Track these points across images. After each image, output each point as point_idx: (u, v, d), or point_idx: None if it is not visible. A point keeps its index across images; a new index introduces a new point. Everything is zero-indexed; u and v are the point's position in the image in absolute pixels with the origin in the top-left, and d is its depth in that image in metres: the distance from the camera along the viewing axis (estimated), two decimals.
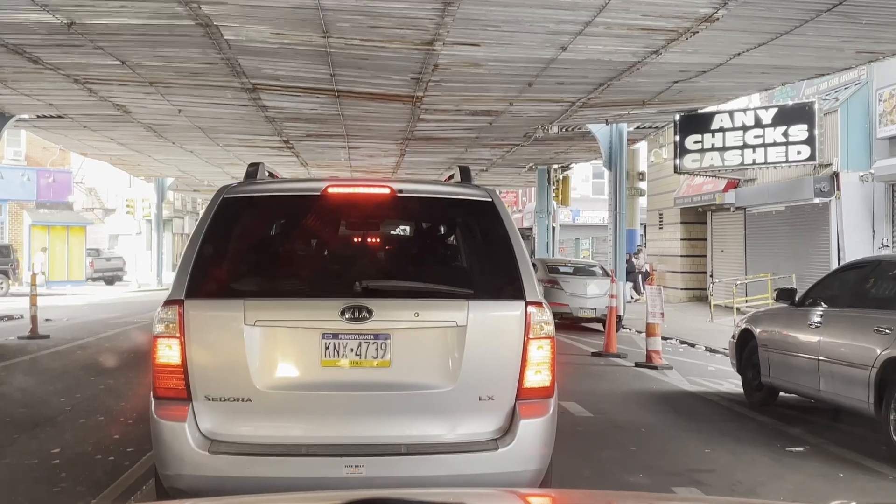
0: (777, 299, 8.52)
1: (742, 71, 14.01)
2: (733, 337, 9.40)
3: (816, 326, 7.58)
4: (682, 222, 27.00)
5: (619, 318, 17.26)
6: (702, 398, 9.54)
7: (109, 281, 39.49)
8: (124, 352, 12.95)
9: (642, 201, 29.55)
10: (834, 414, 8.05)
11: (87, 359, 12.22)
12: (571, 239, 45.73)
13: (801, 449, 6.88)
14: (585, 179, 46.80)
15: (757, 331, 8.76)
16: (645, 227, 31.68)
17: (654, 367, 11.64)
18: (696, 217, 26.67)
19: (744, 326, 9.14)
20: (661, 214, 28.86)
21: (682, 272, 26.89)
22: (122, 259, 41.72)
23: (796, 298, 8.30)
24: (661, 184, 28.58)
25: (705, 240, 26.78)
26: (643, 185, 28.63)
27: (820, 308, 7.80)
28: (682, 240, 27.04)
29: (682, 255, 27.06)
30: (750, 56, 12.86)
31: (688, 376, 11.09)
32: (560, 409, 8.44)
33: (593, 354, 13.32)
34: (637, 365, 11.97)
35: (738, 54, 12.78)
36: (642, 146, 27.23)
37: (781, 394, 8.75)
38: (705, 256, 26.78)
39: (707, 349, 14.78)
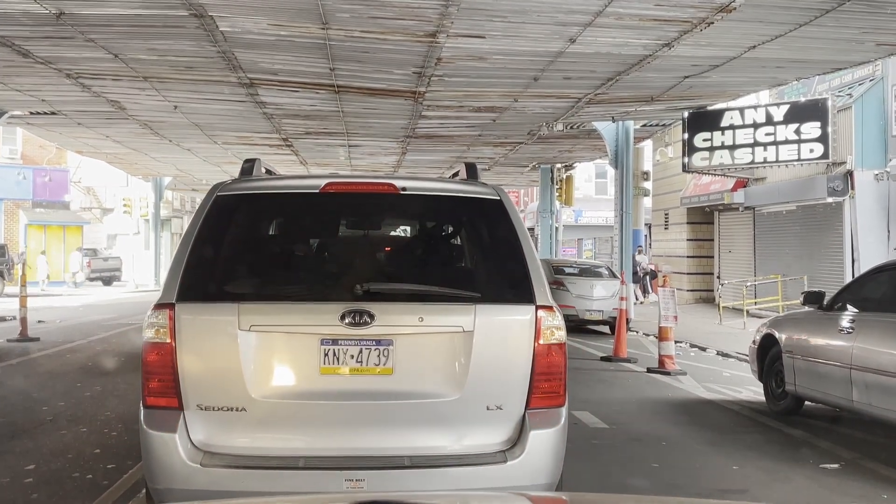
0: (804, 303, 8.00)
1: (756, 65, 13.56)
2: (754, 342, 8.89)
3: (848, 332, 7.09)
4: (688, 222, 26.51)
5: (627, 321, 16.79)
6: (721, 407, 9.03)
7: (107, 281, 39.00)
8: (114, 355, 12.47)
9: (647, 201, 29.07)
10: (864, 425, 7.58)
11: (75, 363, 11.74)
12: (574, 239, 45.35)
13: (836, 466, 6.38)
14: (588, 179, 46.44)
15: (781, 336, 8.25)
16: (650, 228, 31.22)
17: (668, 373, 11.15)
18: (702, 217, 26.19)
19: (766, 331, 8.62)
20: (666, 214, 28.38)
21: (688, 273, 26.40)
22: (119, 259, 41.23)
23: (825, 302, 7.80)
24: (666, 183, 28.11)
25: (712, 240, 26.29)
26: (648, 184, 28.14)
27: (852, 312, 7.30)
28: (688, 240, 26.56)
29: (688, 256, 26.58)
30: (765, 49, 12.41)
31: (703, 383, 10.60)
32: (573, 419, 7.99)
33: (602, 359, 12.83)
34: (649, 370, 11.48)
35: (753, 47, 12.33)
36: (647, 145, 26.79)
37: (806, 403, 8.26)
38: (712, 257, 26.29)
39: (719, 353, 14.30)
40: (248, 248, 4.36)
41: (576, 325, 17.59)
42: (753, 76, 14.76)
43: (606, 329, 18.02)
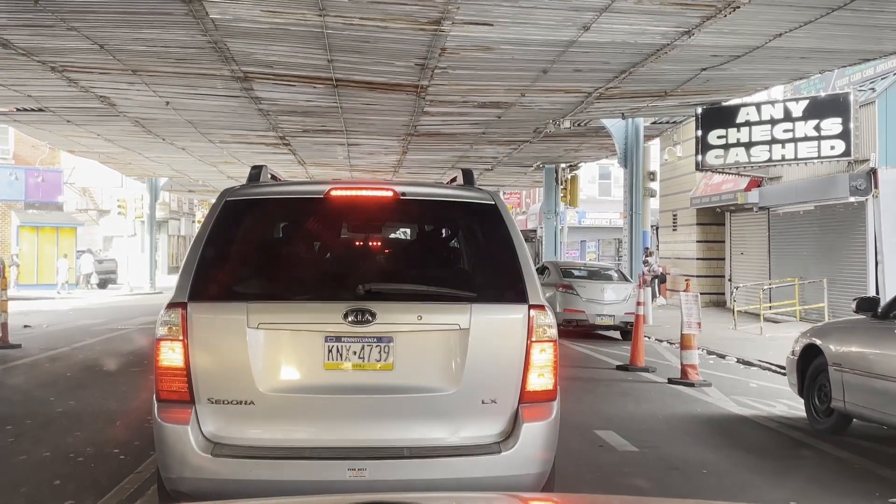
0: (857, 310, 7.16)
1: (780, 55, 12.80)
2: (793, 353, 8.06)
3: None
4: (697, 224, 25.70)
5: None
6: (757, 424, 8.16)
7: (102, 284, 38.16)
8: (96, 365, 11.65)
9: (653, 202, 28.27)
10: None
11: (53, 373, 10.91)
12: (577, 241, 44.62)
13: None
14: (592, 180, 45.74)
15: (827, 347, 7.42)
16: (657, 229, 30.40)
17: (692, 385, 10.31)
18: (713, 218, 25.37)
19: (807, 341, 7.78)
20: (674, 216, 27.57)
21: (697, 276, 25.56)
22: (114, 261, 40.40)
23: (879, 309, 6.99)
24: (674, 183, 27.34)
25: (723, 242, 25.46)
26: (654, 185, 27.38)
27: None
28: (697, 242, 25.74)
29: (697, 259, 25.75)
30: (791, 37, 11.65)
31: (731, 395, 9.76)
32: (598, 441, 7.19)
33: (618, 368, 11.99)
34: (671, 381, 10.64)
35: (779, 35, 11.57)
36: (653, 145, 26.01)
37: (854, 421, 7.44)
38: (723, 259, 25.46)
39: (739, 361, 13.49)
40: (255, 251, 4.55)
41: (585, 331, 16.81)
42: (774, 68, 14.01)
43: (617, 335, 17.23)
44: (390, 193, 4.37)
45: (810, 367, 7.68)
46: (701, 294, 25.02)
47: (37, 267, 35.26)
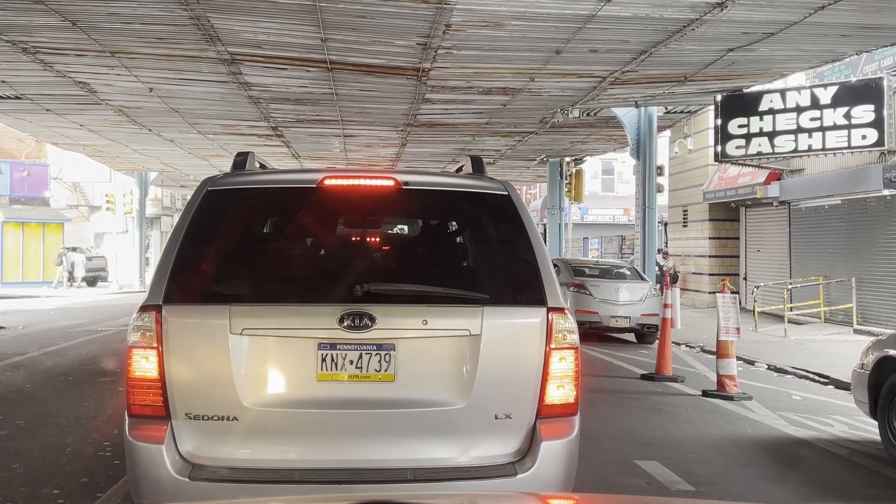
0: None
1: (817, 33, 11.71)
2: (862, 367, 6.91)
3: None
4: (710, 219, 24.57)
5: (653, 328, 14.94)
6: (821, 450, 6.94)
7: (91, 282, 36.96)
8: (64, 374, 10.47)
9: (660, 198, 27.14)
10: None
11: (11, 384, 9.71)
12: (580, 238, 43.62)
13: None
14: (594, 176, 44.78)
15: None
16: (665, 226, 29.28)
17: (730, 398, 9.17)
18: (726, 213, 24.25)
19: (883, 353, 6.62)
20: (685, 211, 26.44)
21: (709, 274, 24.47)
22: (104, 259, 39.20)
23: None
24: (684, 178, 26.23)
25: (737, 238, 24.31)
26: (662, 179, 26.22)
27: None
28: (710, 238, 24.60)
29: (710, 256, 24.62)
30: (835, 10, 10.56)
31: (777, 411, 8.59)
32: (642, 475, 6.00)
33: (643, 378, 10.83)
34: (706, 394, 9.48)
35: (822, 7, 10.46)
36: (660, 139, 24.87)
37: None
38: (737, 257, 24.32)
39: (771, 368, 12.36)
40: (240, 247, 4.13)
41: (597, 334, 15.68)
42: (807, 49, 12.89)
43: (632, 337, 16.12)
44: (392, 182, 3.98)
45: (885, 384, 6.54)
46: (712, 293, 24.02)
47: (22, 264, 34.09)
